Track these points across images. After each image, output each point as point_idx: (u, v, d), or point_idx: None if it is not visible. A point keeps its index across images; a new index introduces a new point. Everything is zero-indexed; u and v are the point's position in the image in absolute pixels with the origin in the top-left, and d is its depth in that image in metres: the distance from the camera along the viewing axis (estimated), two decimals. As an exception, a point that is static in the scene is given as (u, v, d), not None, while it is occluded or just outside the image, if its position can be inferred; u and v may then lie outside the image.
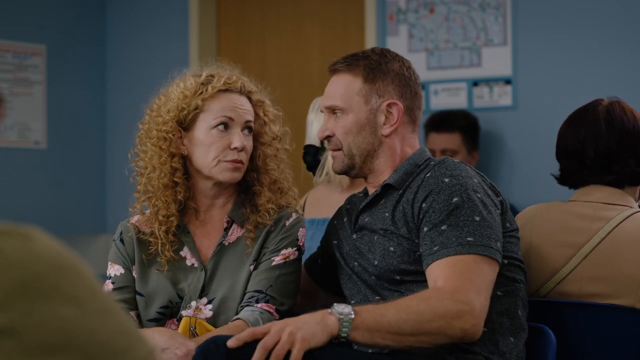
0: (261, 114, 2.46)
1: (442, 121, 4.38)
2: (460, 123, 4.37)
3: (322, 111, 2.43)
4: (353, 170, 2.37)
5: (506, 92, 4.45)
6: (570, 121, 2.57)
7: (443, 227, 2.16)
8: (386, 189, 2.32)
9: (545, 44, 4.37)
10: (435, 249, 2.15)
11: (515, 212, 3.52)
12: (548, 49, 4.37)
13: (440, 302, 2.03)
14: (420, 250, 2.19)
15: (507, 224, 2.25)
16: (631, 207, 2.48)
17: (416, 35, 4.62)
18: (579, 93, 4.24)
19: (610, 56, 4.25)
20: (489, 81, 4.48)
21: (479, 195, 2.19)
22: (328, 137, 2.37)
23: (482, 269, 2.12)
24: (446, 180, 2.20)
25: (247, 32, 5.17)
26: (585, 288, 2.43)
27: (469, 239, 2.13)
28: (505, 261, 2.22)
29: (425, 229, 2.18)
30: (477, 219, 2.15)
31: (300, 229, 2.45)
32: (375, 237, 2.30)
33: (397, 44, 4.65)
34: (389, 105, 2.32)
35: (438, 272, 2.12)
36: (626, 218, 2.44)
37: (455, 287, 2.07)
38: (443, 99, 4.57)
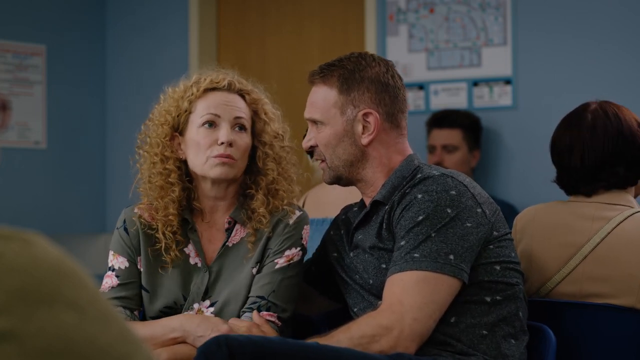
0: (261, 114, 2.45)
1: (444, 118, 4.39)
2: (462, 120, 4.38)
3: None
4: (342, 180, 2.37)
5: (506, 92, 4.45)
6: (558, 127, 2.57)
7: (402, 243, 2.16)
8: (375, 205, 2.31)
9: (545, 44, 4.37)
10: (390, 266, 2.17)
11: (514, 212, 3.52)
12: (548, 49, 4.36)
13: (359, 327, 2.10)
14: None
15: (495, 232, 2.22)
16: (631, 207, 2.48)
17: (416, 35, 4.62)
18: (579, 93, 4.24)
19: (610, 56, 4.25)
20: (489, 81, 4.48)
21: (449, 210, 2.16)
22: (312, 147, 2.37)
23: (423, 286, 2.11)
24: (419, 196, 2.19)
25: (247, 32, 5.17)
26: (585, 288, 2.43)
27: (415, 255, 2.13)
28: (498, 267, 2.21)
29: (396, 245, 2.20)
30: (433, 234, 2.13)
31: (305, 227, 2.43)
32: (367, 255, 2.30)
33: (397, 44, 4.64)
34: (364, 114, 2.30)
35: (384, 292, 2.15)
36: (626, 218, 2.44)
37: (382, 309, 2.12)
38: (443, 99, 4.57)
